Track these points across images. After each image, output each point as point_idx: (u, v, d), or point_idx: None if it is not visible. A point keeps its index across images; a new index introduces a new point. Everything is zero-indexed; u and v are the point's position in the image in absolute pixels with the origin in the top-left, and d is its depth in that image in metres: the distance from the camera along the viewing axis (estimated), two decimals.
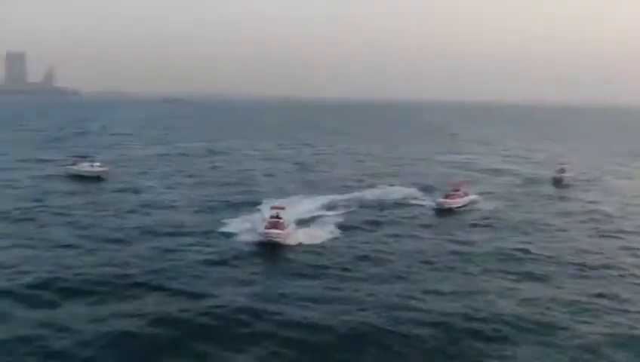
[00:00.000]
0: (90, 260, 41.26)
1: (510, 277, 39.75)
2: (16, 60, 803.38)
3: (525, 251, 45.89)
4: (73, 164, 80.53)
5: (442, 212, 60.42)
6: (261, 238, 45.20)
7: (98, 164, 79.34)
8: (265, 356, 27.83)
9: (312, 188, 72.58)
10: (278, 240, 44.75)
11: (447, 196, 62.43)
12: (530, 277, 39.88)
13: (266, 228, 45.55)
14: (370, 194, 67.96)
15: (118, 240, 46.70)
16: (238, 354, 28.01)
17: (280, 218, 46.96)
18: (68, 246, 44.94)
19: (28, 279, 37.06)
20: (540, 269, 41.51)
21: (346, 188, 72.24)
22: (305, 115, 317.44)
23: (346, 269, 40.41)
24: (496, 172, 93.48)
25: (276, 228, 45.44)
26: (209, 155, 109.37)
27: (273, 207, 49.70)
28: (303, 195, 65.29)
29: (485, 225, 55.66)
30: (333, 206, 60.17)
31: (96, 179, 76.21)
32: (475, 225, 55.69)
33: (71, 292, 35.06)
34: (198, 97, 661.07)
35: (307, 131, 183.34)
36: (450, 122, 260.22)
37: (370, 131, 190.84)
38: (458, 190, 64.30)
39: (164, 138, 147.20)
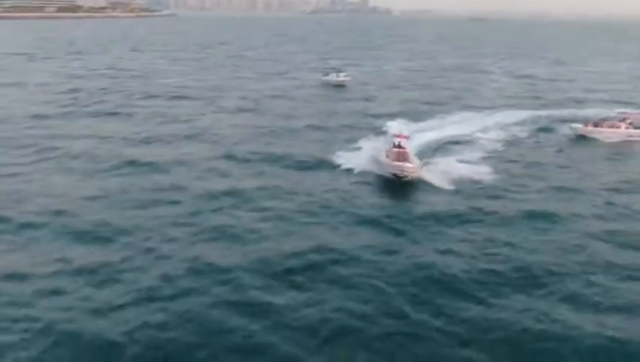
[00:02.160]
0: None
1: None
2: None
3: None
4: (326, 75, 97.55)
5: (580, 139, 55.62)
6: (389, 171, 40.54)
7: (343, 74, 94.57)
8: None
9: (514, 101, 76.74)
10: (407, 173, 39.55)
11: (592, 124, 56.42)
12: None
13: (393, 159, 40.71)
14: (560, 114, 67.13)
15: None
16: None
17: (404, 147, 42.60)
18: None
19: None
20: None
21: (546, 106, 73.49)
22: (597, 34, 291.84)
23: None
24: None
25: (404, 160, 40.48)
26: (446, 71, 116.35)
27: (397, 136, 44.62)
28: (495, 109, 68.43)
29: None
30: (508, 124, 59.98)
31: (340, 87, 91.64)
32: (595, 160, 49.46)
33: None
34: (508, 17, 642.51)
35: (574, 50, 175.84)
36: None
37: None
38: (624, 119, 57.28)
39: (426, 54, 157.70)
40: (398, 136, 44.41)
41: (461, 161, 45.23)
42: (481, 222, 33.93)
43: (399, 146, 42.63)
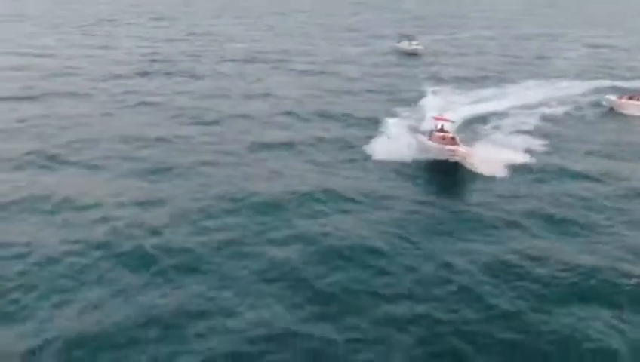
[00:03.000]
0: None
1: None
2: None
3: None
4: (398, 42, 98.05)
5: (610, 115, 53.99)
6: (438, 154, 37.49)
7: (415, 42, 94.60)
8: None
9: (585, 71, 75.12)
10: (458, 158, 36.46)
11: (626, 96, 54.41)
12: None
13: (443, 143, 37.44)
14: (632, 85, 63.89)
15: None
16: None
17: (447, 131, 39.74)
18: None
19: None
20: None
21: (617, 77, 71.19)
22: None
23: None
24: None
25: (454, 144, 37.34)
26: (521, 40, 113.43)
27: (437, 118, 41.60)
28: (563, 79, 67.27)
29: None
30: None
31: (412, 55, 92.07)
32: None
33: None
34: None
35: None
36: None
37: None
38: None
39: (504, 22, 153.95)
40: (439, 118, 41.51)
41: (516, 132, 45.51)
42: (518, 181, 35.40)
43: (442, 130, 39.76)
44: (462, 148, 36.67)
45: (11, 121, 46.75)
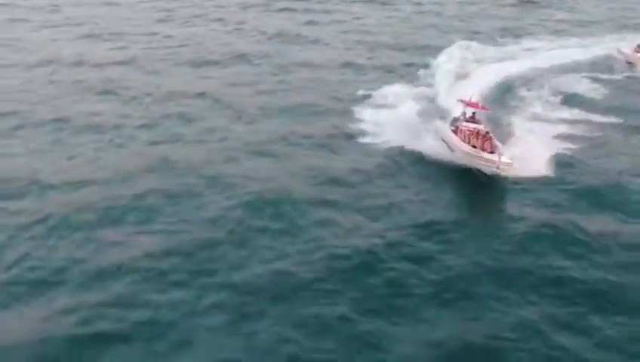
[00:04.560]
0: None
1: None
2: None
3: None
4: None
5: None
6: (467, 160, 30.15)
7: None
8: None
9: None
10: (499, 171, 28.54)
11: None
12: None
13: (473, 145, 29.70)
14: None
15: None
16: None
17: (478, 120, 31.52)
18: None
19: None
20: None
21: None
22: None
23: None
24: None
25: (491, 147, 29.40)
26: None
27: (467, 103, 32.82)
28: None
29: None
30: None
31: (529, 2, 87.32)
32: None
33: None
34: None
35: None
36: None
37: None
38: None
39: None
40: (470, 104, 32.87)
41: (581, 77, 46.42)
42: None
43: (472, 119, 31.75)
44: (505, 159, 28.50)
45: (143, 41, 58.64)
